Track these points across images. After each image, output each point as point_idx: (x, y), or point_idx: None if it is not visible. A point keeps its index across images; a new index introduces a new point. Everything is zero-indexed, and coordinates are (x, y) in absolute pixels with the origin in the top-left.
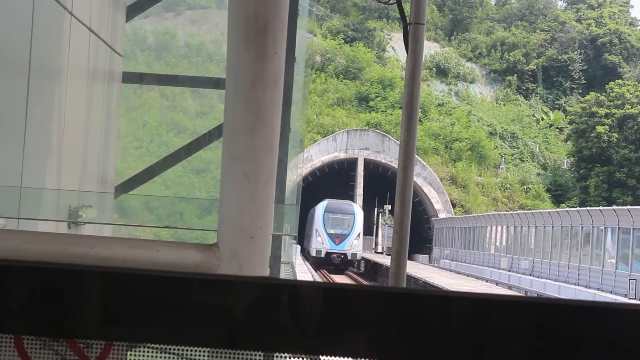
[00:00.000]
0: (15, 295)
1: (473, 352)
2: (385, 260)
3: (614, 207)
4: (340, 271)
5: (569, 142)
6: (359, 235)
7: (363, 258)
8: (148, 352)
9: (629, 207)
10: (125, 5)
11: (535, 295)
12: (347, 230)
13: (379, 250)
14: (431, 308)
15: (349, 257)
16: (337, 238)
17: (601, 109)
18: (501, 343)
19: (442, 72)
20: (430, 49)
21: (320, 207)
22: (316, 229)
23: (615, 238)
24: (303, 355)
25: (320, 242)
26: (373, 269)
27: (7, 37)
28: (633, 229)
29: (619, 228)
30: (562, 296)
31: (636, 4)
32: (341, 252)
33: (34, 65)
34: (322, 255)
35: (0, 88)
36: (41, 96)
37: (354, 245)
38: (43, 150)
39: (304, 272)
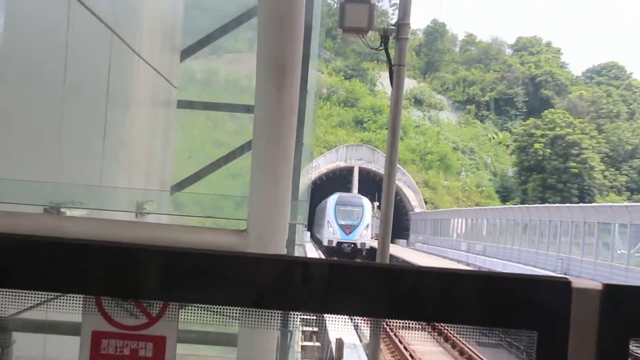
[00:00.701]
0: (97, 267)
1: (439, 313)
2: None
3: (547, 204)
4: (350, 258)
5: (513, 156)
6: (367, 225)
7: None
8: (195, 310)
9: (557, 204)
10: (179, 49)
11: (487, 270)
12: (357, 222)
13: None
14: (408, 279)
15: (359, 246)
16: (348, 229)
17: (538, 130)
18: (460, 306)
19: (418, 102)
20: (409, 84)
21: (331, 200)
22: (328, 221)
23: (547, 228)
24: (311, 313)
25: (332, 233)
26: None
27: (90, 72)
28: (560, 221)
29: (550, 220)
30: (506, 271)
31: (565, 51)
32: (351, 241)
33: (110, 95)
34: (334, 244)
35: (84, 113)
36: (116, 118)
37: (363, 235)
38: (117, 158)
39: (313, 251)
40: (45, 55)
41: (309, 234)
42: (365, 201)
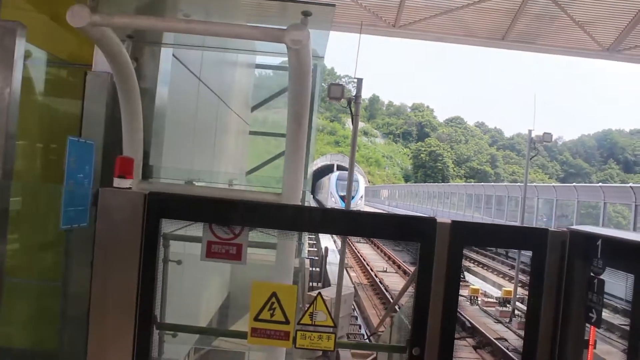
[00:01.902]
0: (210, 209)
1: (373, 233)
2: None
3: (426, 183)
4: None
5: (411, 160)
6: (362, 197)
7: None
8: (256, 231)
9: (431, 183)
10: (250, 106)
11: (397, 213)
12: (354, 193)
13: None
14: (359, 217)
15: None
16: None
17: (422, 148)
18: (385, 230)
19: (365, 133)
20: (361, 124)
21: (333, 176)
22: (331, 192)
23: (426, 194)
24: (310, 232)
25: (334, 202)
26: None
27: (208, 117)
28: (433, 191)
29: (428, 191)
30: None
31: (436, 110)
32: None
33: (218, 128)
34: None
35: (205, 136)
36: (220, 139)
37: (358, 204)
38: (220, 158)
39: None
40: (188, 109)
41: (311, 196)
42: (360, 177)
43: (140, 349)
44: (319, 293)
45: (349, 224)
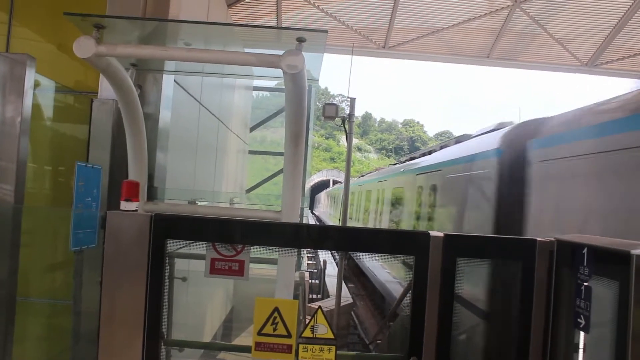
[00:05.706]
0: (212, 228)
1: (372, 248)
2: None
3: None
4: None
5: None
6: None
7: None
8: (257, 248)
9: None
10: (249, 126)
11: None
12: None
13: None
14: (355, 233)
15: None
16: None
17: None
18: (385, 245)
19: (359, 149)
20: (354, 141)
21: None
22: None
23: None
24: (309, 248)
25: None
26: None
27: (209, 137)
28: None
29: None
30: None
31: (426, 125)
32: None
33: (219, 148)
34: None
35: (206, 156)
36: (221, 159)
37: None
38: (221, 177)
39: (312, 220)
40: (189, 132)
41: (309, 211)
42: None
43: None
44: (320, 307)
45: (347, 239)
